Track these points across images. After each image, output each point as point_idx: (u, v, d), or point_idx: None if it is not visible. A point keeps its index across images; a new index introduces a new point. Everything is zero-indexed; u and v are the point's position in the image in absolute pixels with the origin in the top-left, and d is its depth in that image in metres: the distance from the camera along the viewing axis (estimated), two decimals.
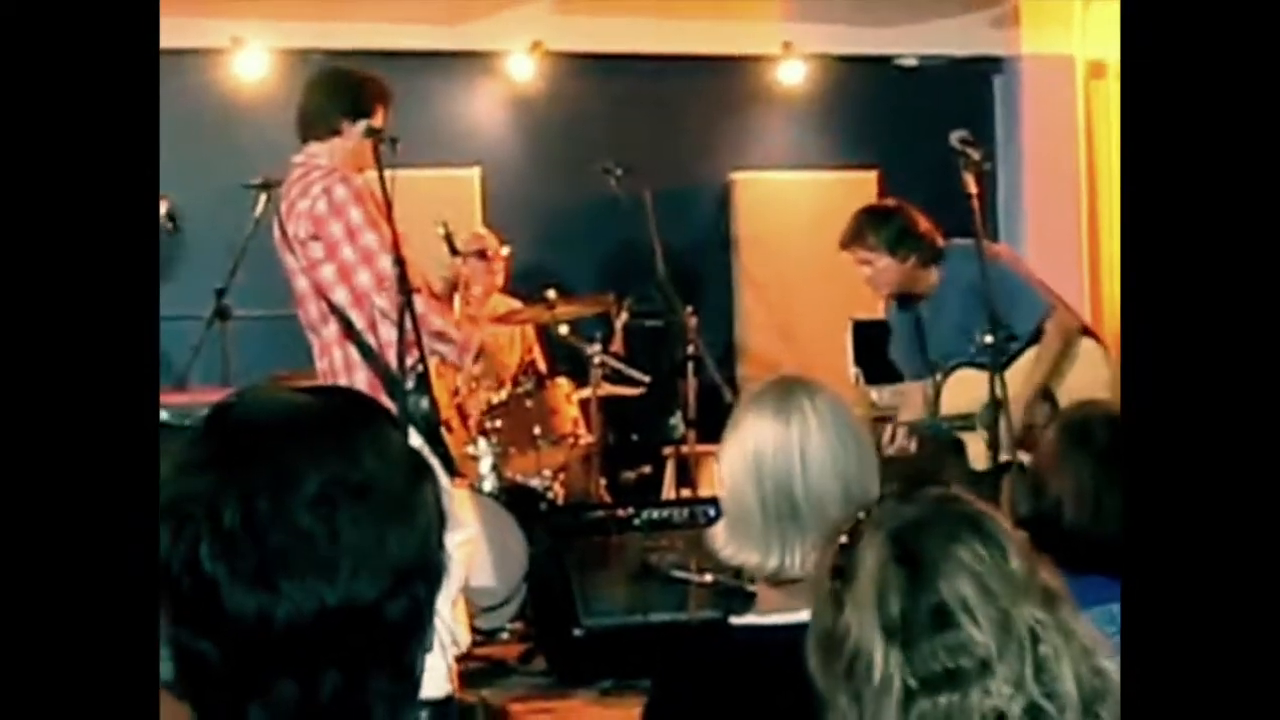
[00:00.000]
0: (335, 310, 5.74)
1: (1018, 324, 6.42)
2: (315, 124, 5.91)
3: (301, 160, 5.88)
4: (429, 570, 1.72)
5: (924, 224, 6.63)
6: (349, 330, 5.73)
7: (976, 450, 6.35)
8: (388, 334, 5.67)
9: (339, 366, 5.81)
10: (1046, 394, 6.45)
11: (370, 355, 5.71)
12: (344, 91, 6.01)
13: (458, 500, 5.44)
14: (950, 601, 1.95)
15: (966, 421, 6.42)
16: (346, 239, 5.69)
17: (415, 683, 1.73)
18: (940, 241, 6.60)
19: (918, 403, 6.70)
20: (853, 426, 2.98)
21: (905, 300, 6.78)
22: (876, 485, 2.91)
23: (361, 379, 5.71)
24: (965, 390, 6.40)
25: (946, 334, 6.56)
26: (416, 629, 1.71)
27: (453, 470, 5.74)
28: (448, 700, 1.83)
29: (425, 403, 5.61)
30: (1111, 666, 1.99)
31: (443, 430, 5.68)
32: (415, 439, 5.19)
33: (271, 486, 1.64)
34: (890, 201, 6.93)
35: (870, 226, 6.61)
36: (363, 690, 1.67)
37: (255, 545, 1.63)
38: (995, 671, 1.92)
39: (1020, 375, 6.38)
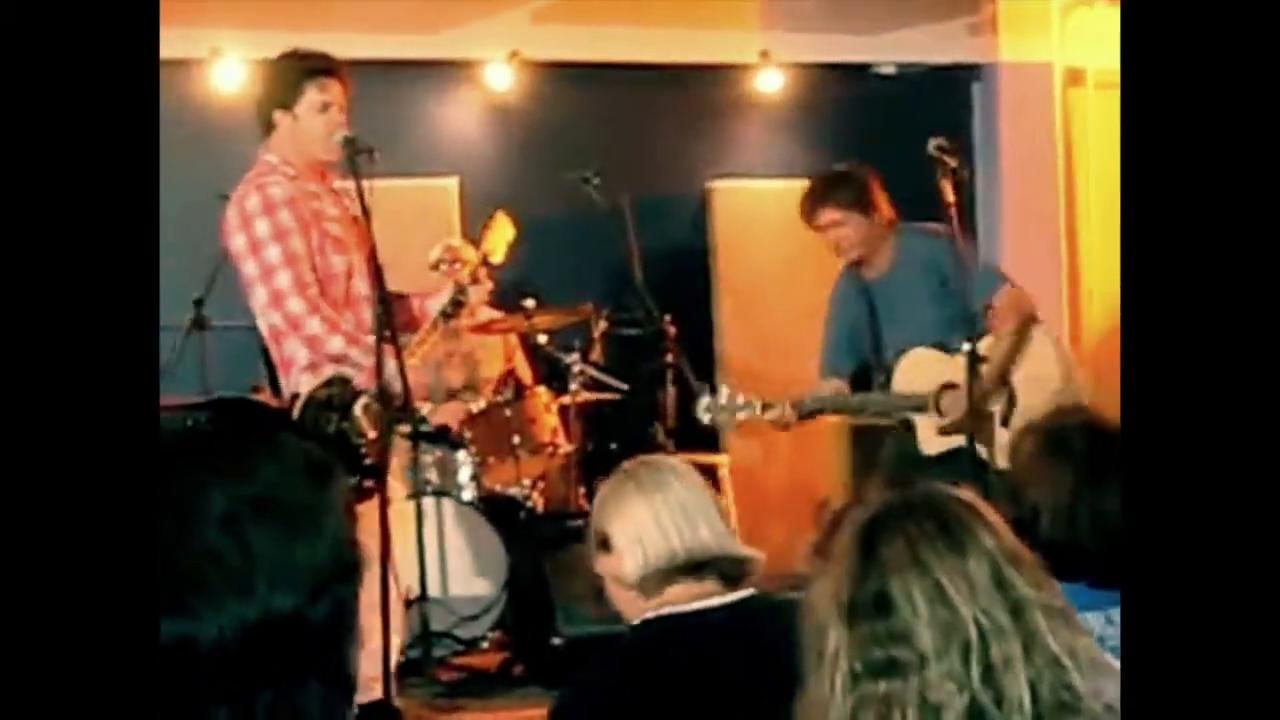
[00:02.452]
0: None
1: (972, 301, 6.43)
2: (259, 119, 5.75)
3: (258, 159, 5.74)
4: (346, 570, 1.72)
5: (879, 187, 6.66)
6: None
7: (926, 433, 6.32)
8: (291, 350, 5.56)
9: (263, 379, 5.72)
10: (1004, 380, 6.38)
11: (270, 370, 5.60)
12: (266, 83, 5.88)
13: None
14: (895, 593, 2.00)
15: (917, 403, 6.34)
16: (249, 252, 5.53)
17: (349, 681, 1.73)
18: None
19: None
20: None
21: (857, 282, 6.68)
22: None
23: (267, 394, 5.60)
24: (920, 371, 6.35)
25: (903, 314, 6.49)
26: (343, 629, 1.71)
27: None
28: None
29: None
30: (1086, 684, 1.99)
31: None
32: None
33: (175, 510, 1.64)
34: (844, 165, 6.90)
35: (838, 185, 6.63)
36: (298, 699, 1.66)
37: (168, 571, 1.62)
38: (934, 667, 1.95)
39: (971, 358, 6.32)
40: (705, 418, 6.47)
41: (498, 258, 6.41)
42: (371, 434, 5.37)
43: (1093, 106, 10.50)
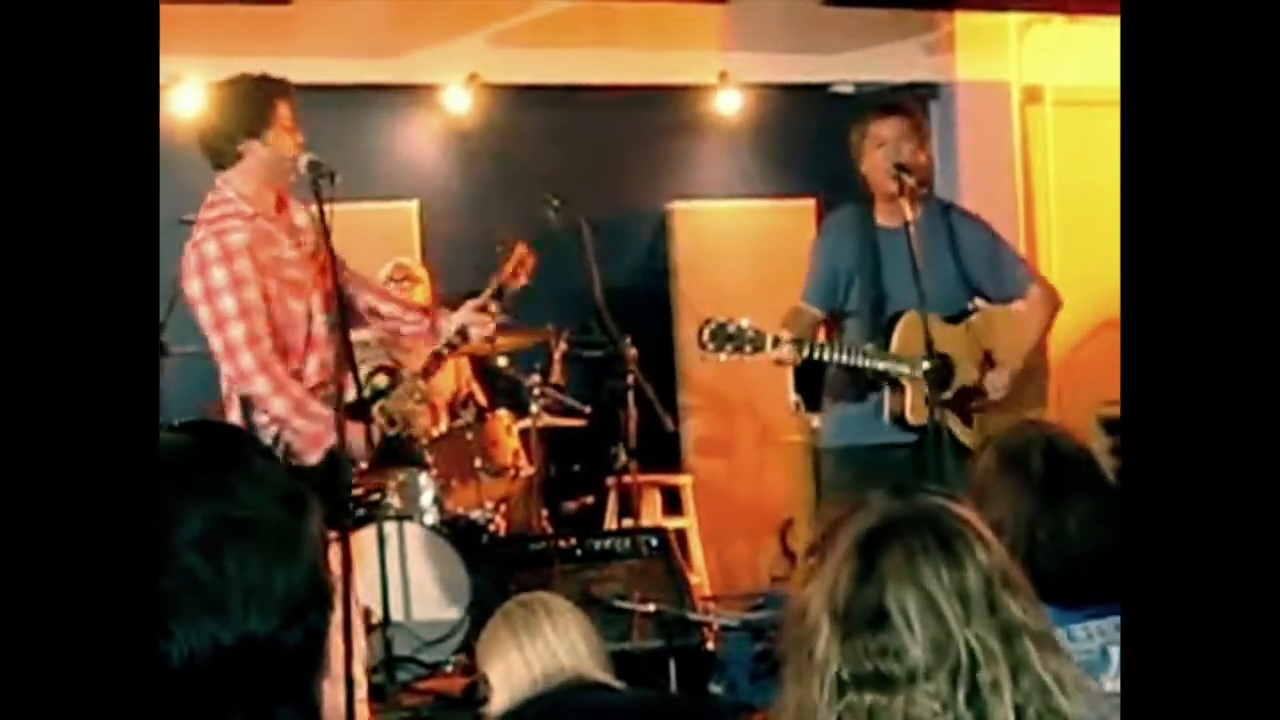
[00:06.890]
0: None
1: (995, 287, 6.40)
2: (218, 150, 5.57)
3: (213, 191, 5.57)
4: (320, 599, 1.72)
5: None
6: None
7: (915, 401, 6.10)
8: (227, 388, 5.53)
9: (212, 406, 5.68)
10: (989, 359, 6.31)
11: (245, 400, 5.50)
12: (231, 109, 5.63)
13: None
14: (890, 606, 1.99)
15: (904, 366, 6.07)
16: (204, 299, 5.42)
17: (317, 711, 1.73)
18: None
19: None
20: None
21: (864, 221, 6.43)
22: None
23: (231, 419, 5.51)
24: (916, 336, 6.06)
25: (909, 273, 6.05)
26: (314, 658, 1.71)
27: None
28: None
29: None
30: (1073, 709, 2.00)
31: None
32: None
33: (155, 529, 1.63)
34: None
35: (898, 104, 6.68)
36: None
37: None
38: (922, 685, 1.95)
39: (969, 331, 6.27)
40: (710, 346, 5.93)
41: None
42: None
43: (1051, 124, 10.56)
